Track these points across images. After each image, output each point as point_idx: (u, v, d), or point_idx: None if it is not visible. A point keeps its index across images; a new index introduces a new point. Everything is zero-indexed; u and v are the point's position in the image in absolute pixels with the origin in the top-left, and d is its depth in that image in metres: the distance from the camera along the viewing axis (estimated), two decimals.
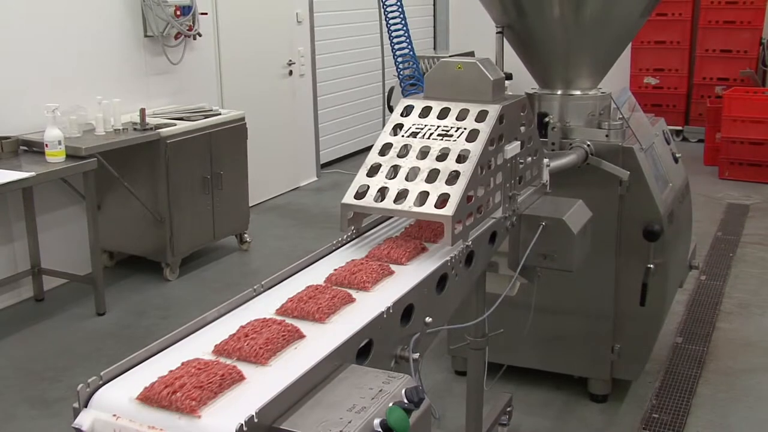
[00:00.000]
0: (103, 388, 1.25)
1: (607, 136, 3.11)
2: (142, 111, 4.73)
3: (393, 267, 1.77)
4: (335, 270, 1.72)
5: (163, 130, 4.73)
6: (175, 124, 4.89)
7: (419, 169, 1.92)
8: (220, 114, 5.26)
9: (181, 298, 4.72)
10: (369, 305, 1.57)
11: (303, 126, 7.24)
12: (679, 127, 8.62)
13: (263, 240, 5.72)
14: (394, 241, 1.88)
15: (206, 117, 5.13)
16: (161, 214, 4.82)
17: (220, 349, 1.37)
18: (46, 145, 4.11)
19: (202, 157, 5.02)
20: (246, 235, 5.55)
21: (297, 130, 7.11)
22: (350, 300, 1.58)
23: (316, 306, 1.52)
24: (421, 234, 1.96)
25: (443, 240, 1.85)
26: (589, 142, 3.08)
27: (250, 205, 5.75)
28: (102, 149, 4.35)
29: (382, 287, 1.67)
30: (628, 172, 3.05)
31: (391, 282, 1.70)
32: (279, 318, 1.48)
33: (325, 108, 7.69)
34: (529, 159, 2.29)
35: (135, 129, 4.70)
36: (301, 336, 1.42)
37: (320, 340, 1.42)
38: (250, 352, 1.34)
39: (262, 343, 1.36)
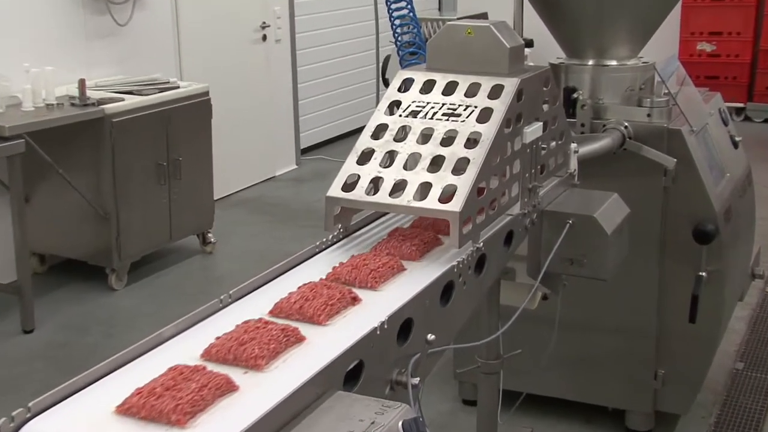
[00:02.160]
0: (31, 422, 1.26)
1: (649, 115, 3.14)
2: (82, 82, 4.75)
3: (391, 272, 1.79)
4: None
5: (108, 107, 4.75)
6: (123, 99, 4.91)
7: (420, 155, 1.94)
8: (178, 87, 5.29)
9: (129, 310, 4.74)
10: (359, 319, 1.59)
11: (279, 103, 7.26)
12: (741, 104, 8.65)
13: (231, 241, 5.75)
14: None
15: (161, 91, 5.16)
16: (105, 209, 4.85)
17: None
18: None
19: (157, 140, 5.05)
20: (210, 235, 5.58)
21: (272, 108, 7.13)
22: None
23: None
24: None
25: (449, 241, 1.88)
26: (626, 123, 3.12)
27: (215, 198, 5.77)
28: (31, 128, 4.37)
29: (376, 297, 1.70)
30: (675, 160, 3.08)
31: (386, 290, 1.73)
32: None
33: (307, 81, 7.71)
34: (554, 144, 2.32)
35: (72, 104, 4.72)
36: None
37: (301, 360, 1.45)
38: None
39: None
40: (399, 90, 2.12)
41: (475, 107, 2.01)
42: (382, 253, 1.86)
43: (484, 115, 1.99)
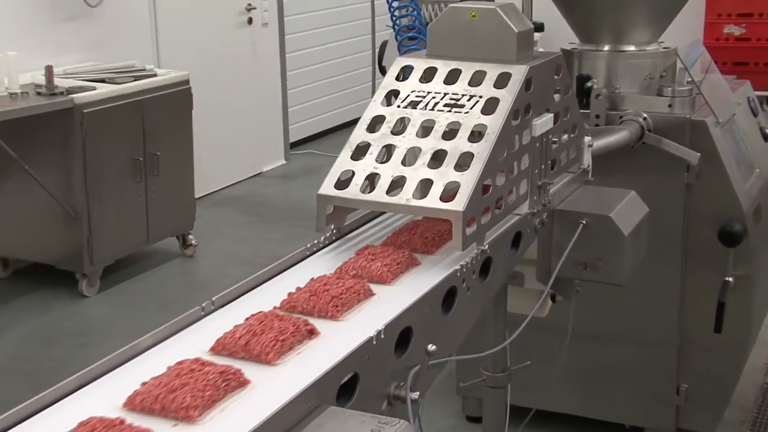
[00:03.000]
0: None
1: (670, 105, 3.16)
2: (49, 69, 4.76)
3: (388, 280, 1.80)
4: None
5: (79, 96, 4.76)
6: (95, 88, 4.92)
7: (420, 150, 1.95)
8: (155, 75, 5.29)
9: (102, 319, 4.75)
10: (353, 328, 1.60)
11: (267, 92, 7.27)
12: None
13: (214, 243, 5.75)
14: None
15: (137, 79, 5.16)
16: (76, 208, 4.85)
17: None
18: None
19: (132, 133, 5.06)
20: (191, 237, 5.59)
21: (259, 98, 7.14)
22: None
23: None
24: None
25: (451, 243, 1.89)
26: (645, 115, 3.13)
27: (197, 196, 5.78)
28: None
29: (338, 328, 1.65)
30: (699, 154, 3.10)
31: (383, 297, 1.74)
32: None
33: (296, 68, 7.72)
34: (565, 137, 2.33)
35: (39, 93, 4.73)
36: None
37: (292, 372, 1.46)
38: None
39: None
40: (397, 78, 2.13)
41: (480, 97, 2.02)
42: (346, 275, 1.79)
43: (490, 106, 2.00)
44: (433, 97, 2.05)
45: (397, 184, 1.92)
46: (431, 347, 1.64)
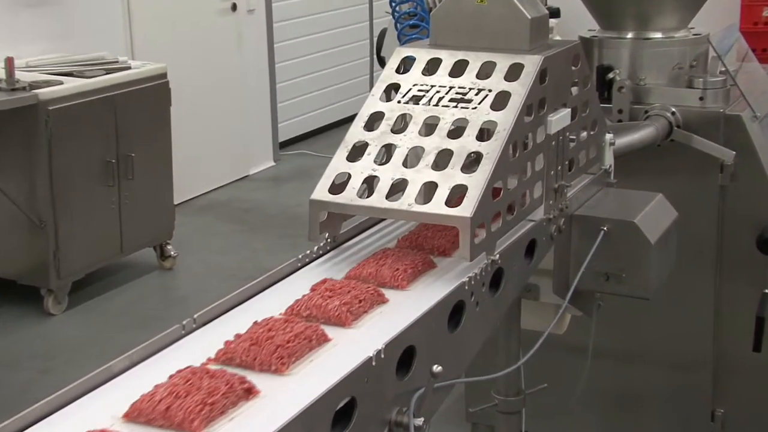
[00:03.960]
0: None
1: (701, 98, 3.16)
2: (9, 61, 4.76)
3: (387, 293, 1.81)
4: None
5: (43, 91, 4.77)
6: (62, 82, 4.93)
7: (423, 149, 1.96)
8: (129, 68, 5.30)
9: (71, 340, 4.75)
10: (350, 347, 1.61)
11: (253, 86, 7.27)
12: None
13: (195, 254, 5.75)
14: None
15: (108, 72, 5.17)
16: (41, 216, 4.86)
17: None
18: None
19: (103, 132, 5.06)
20: (169, 248, 5.59)
21: (244, 93, 7.15)
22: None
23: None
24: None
25: (458, 253, 1.90)
26: (674, 109, 3.14)
27: (176, 202, 5.79)
28: None
29: (370, 321, 1.72)
30: (734, 153, 3.10)
31: (383, 314, 1.75)
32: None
33: (286, 60, 7.73)
34: (584, 134, 2.35)
35: None
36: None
37: (279, 398, 1.47)
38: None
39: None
40: (397, 71, 2.14)
41: (489, 91, 2.03)
42: (297, 317, 1.70)
43: (500, 101, 2.01)
44: (437, 92, 2.06)
45: (397, 188, 1.93)
46: (437, 368, 1.64)
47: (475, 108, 2.01)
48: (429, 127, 2.01)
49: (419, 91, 2.08)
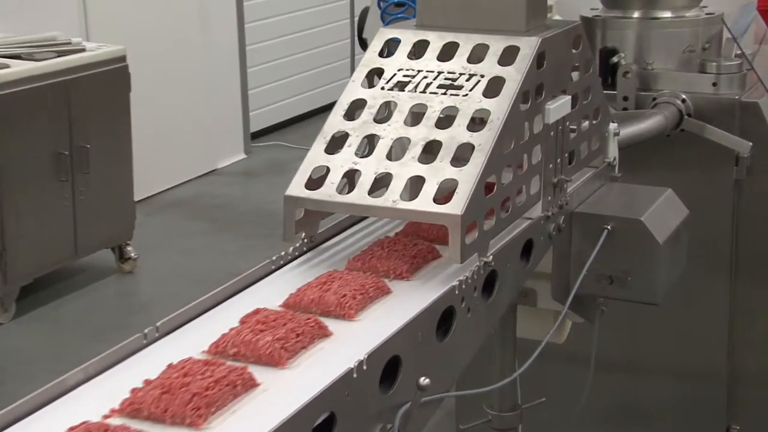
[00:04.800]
0: None
1: (715, 84, 3.18)
2: None
3: (331, 324, 1.73)
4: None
5: None
6: (8, 66, 4.91)
7: (409, 141, 1.97)
8: (83, 50, 5.28)
9: (20, 352, 4.73)
10: (331, 358, 1.62)
11: (222, 71, 7.26)
12: None
13: (158, 256, 5.74)
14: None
15: (61, 55, 5.16)
16: None
17: None
18: None
19: (56, 121, 5.05)
20: (130, 249, 5.58)
21: (212, 78, 7.13)
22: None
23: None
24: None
25: (448, 254, 1.91)
26: (684, 96, 3.15)
27: (137, 199, 5.78)
28: None
29: (309, 359, 1.64)
30: (750, 144, 3.12)
31: (367, 318, 1.76)
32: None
33: (258, 42, 7.71)
34: (586, 124, 2.36)
35: None
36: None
37: (251, 412, 1.47)
38: None
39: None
40: (380, 54, 2.14)
41: (482, 76, 2.04)
42: (222, 356, 1.60)
43: (494, 87, 2.02)
44: (425, 77, 2.07)
45: (381, 183, 1.94)
46: (424, 381, 1.65)
47: (466, 95, 2.01)
48: (415, 116, 2.01)
49: (404, 76, 2.08)
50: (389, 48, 2.15)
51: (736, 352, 3.32)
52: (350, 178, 1.98)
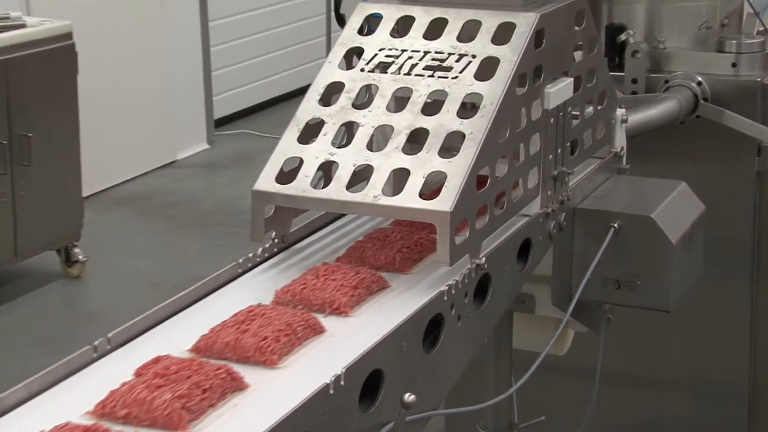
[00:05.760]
0: None
1: (734, 65, 3.18)
2: None
3: (247, 372, 1.66)
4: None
5: None
6: None
7: (392, 129, 1.97)
8: (24, 26, 5.26)
9: None
10: (304, 372, 1.62)
11: (181, 51, 7.24)
12: None
13: (110, 259, 5.73)
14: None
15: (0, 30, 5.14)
16: None
17: None
18: None
19: None
20: (77, 251, 5.56)
21: (170, 58, 7.12)
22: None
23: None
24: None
25: (435, 256, 1.90)
26: (700, 78, 3.16)
27: (85, 195, 5.76)
28: None
29: (217, 420, 1.54)
30: None
31: (348, 326, 1.76)
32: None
33: (222, 18, 7.69)
34: (590, 110, 2.36)
35: None
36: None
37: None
38: None
39: None
40: (360, 32, 2.14)
41: (473, 57, 2.04)
42: (109, 419, 1.50)
43: (487, 69, 2.02)
44: (410, 57, 2.07)
45: (361, 176, 1.94)
46: (409, 397, 1.65)
47: (456, 78, 2.02)
48: (399, 102, 2.02)
49: (387, 56, 2.08)
50: (370, 25, 2.15)
51: (758, 364, 3.33)
52: (326, 170, 1.98)
